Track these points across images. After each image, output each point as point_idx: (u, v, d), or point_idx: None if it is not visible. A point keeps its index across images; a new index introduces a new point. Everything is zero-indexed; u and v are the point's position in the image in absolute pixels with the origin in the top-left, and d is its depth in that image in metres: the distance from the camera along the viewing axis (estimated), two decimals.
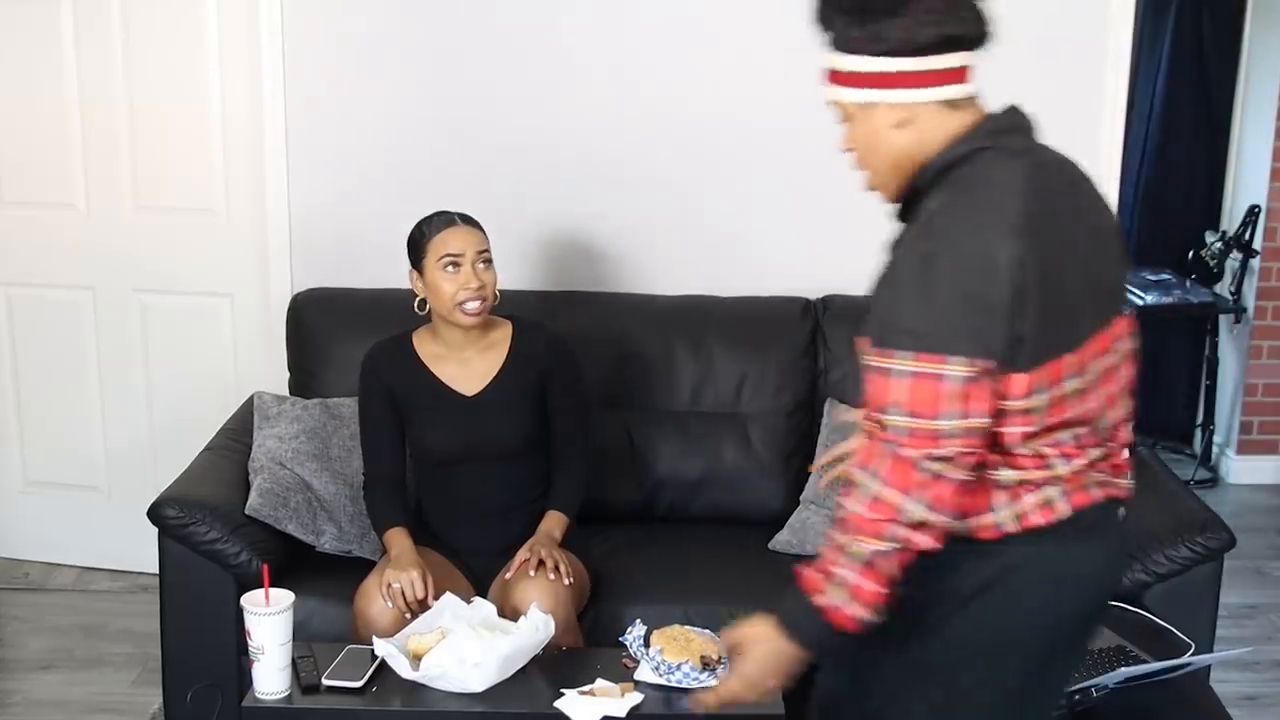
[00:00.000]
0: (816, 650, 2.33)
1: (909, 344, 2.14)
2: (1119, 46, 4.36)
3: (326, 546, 3.85)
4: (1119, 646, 3.25)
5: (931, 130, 2.28)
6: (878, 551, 2.19)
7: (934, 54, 2.24)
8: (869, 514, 2.19)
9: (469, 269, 3.51)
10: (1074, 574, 2.34)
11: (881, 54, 2.24)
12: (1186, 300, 6.27)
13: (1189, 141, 6.56)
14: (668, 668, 3.06)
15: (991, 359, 2.15)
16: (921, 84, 2.27)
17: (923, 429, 2.14)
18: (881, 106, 2.28)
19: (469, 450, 3.62)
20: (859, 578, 2.21)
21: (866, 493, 2.19)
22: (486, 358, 3.65)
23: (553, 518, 3.63)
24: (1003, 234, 2.14)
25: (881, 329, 2.18)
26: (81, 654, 4.52)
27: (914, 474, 2.16)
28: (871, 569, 2.20)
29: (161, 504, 3.67)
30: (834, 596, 2.22)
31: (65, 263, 4.87)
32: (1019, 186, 2.21)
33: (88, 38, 4.65)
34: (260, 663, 3.02)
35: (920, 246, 2.19)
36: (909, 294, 2.15)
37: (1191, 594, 3.61)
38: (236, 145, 4.61)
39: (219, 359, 4.80)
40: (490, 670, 3.03)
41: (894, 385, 2.15)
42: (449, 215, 3.60)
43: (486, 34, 4.43)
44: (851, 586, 2.21)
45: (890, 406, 2.15)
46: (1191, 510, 3.73)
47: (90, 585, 4.99)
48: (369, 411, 3.68)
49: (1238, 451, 6.30)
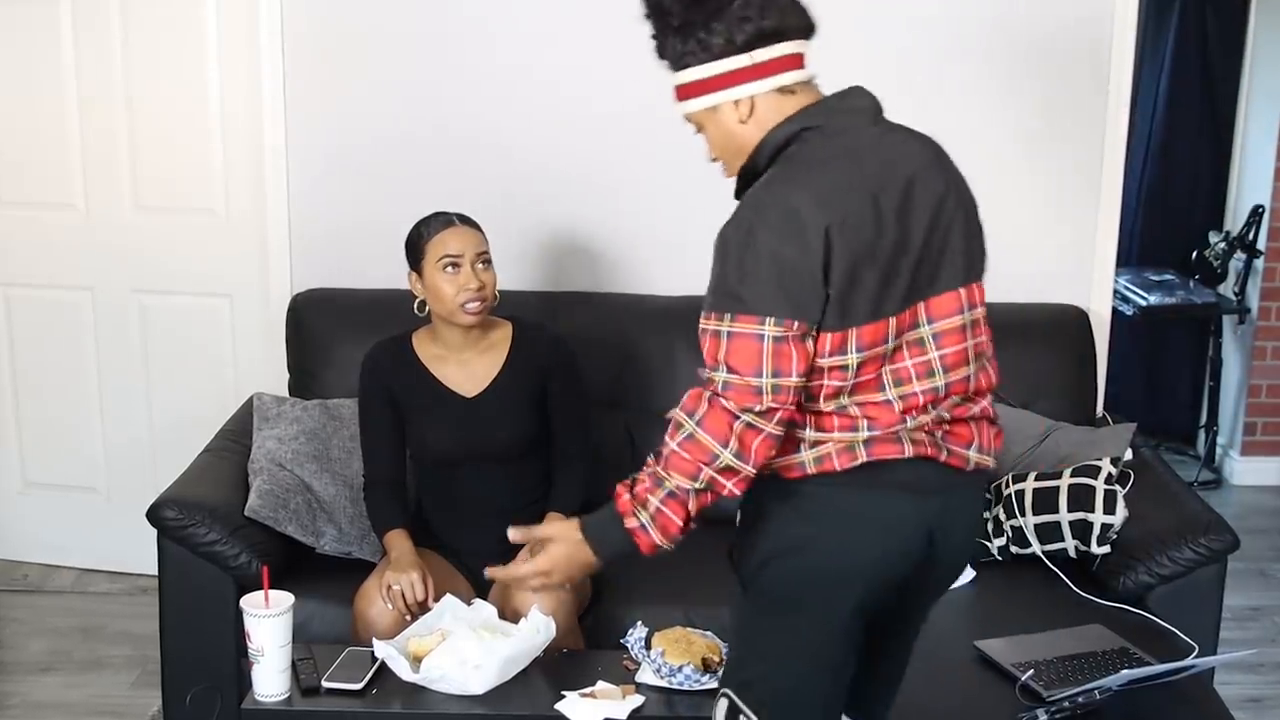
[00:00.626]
0: (609, 563, 2.57)
1: (731, 306, 2.35)
2: (1122, 44, 4.35)
3: (326, 548, 3.83)
4: (1122, 648, 3.26)
5: (771, 117, 2.47)
6: (686, 489, 2.40)
7: (759, 48, 2.44)
8: (685, 454, 2.39)
9: (468, 269, 3.50)
10: (873, 518, 2.48)
11: (711, 59, 2.46)
12: (1190, 300, 6.24)
13: (1193, 140, 6.54)
14: (669, 670, 3.05)
15: (805, 320, 2.34)
16: (753, 77, 2.46)
17: (742, 385, 2.34)
18: (724, 106, 2.49)
19: (469, 451, 3.61)
20: (666, 509, 2.43)
21: (685, 435, 2.39)
22: (487, 358, 3.64)
23: (554, 519, 3.59)
24: (811, 205, 2.34)
25: (712, 294, 2.39)
26: (80, 656, 4.51)
27: (731, 424, 2.36)
28: (677, 502, 2.42)
29: (161, 505, 3.66)
30: (641, 519, 2.45)
31: (64, 263, 4.86)
32: (832, 162, 2.42)
33: (87, 36, 4.64)
34: (260, 665, 3.02)
35: (742, 217, 2.40)
36: (732, 262, 2.36)
37: (1195, 596, 3.60)
38: (236, 145, 4.61)
39: (218, 360, 4.79)
40: (491, 672, 3.03)
41: (720, 344, 2.36)
42: (447, 216, 3.59)
43: (487, 34, 4.42)
44: (657, 514, 2.43)
45: (717, 364, 2.36)
46: (1195, 512, 3.72)
47: (89, 587, 4.98)
48: (369, 412, 3.67)
49: (1241, 453, 6.28)
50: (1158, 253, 6.61)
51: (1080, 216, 4.45)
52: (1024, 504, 3.78)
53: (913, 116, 4.32)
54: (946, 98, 4.37)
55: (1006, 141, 4.40)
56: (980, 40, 4.35)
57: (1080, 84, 4.37)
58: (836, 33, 4.32)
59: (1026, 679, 3.09)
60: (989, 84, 4.38)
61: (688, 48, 2.47)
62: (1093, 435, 4.03)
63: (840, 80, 4.20)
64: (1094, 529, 3.69)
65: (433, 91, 4.46)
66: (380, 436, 3.66)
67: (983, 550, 3.80)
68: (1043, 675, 3.11)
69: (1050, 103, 4.39)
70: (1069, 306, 4.38)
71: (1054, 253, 4.46)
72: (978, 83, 4.38)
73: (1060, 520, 3.72)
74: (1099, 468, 3.77)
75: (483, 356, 3.64)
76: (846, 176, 2.41)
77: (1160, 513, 3.73)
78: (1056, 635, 3.34)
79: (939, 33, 4.36)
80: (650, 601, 3.60)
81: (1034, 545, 3.76)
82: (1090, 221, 4.45)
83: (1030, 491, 3.78)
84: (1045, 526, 3.74)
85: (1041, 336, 4.28)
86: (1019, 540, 3.78)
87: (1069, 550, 3.74)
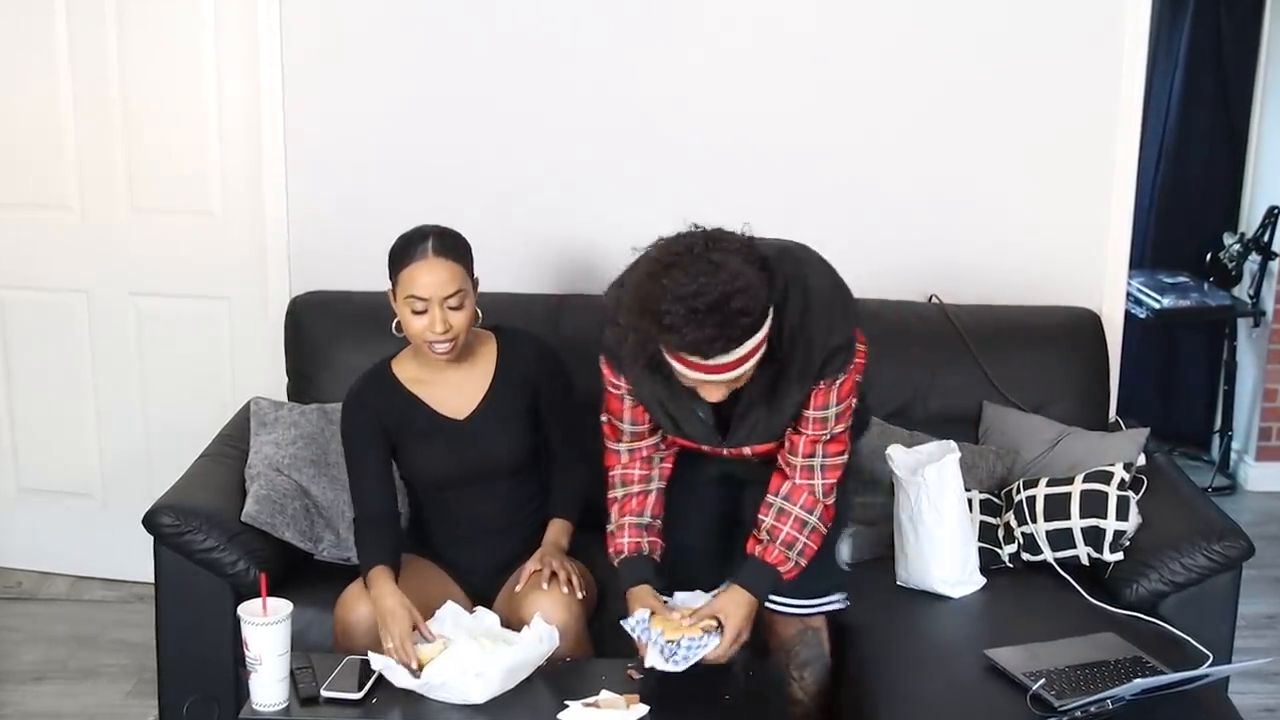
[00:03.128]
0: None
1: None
2: (1135, 44, 4.33)
3: (325, 554, 3.83)
4: (1135, 657, 3.23)
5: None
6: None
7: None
8: (833, 507, 3.18)
9: (436, 310, 3.37)
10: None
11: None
12: (1204, 303, 6.22)
13: (1207, 140, 6.51)
14: (670, 650, 3.08)
15: None
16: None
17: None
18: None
19: (466, 473, 3.55)
20: (811, 542, 3.16)
21: (835, 494, 3.17)
22: (473, 376, 3.57)
23: (557, 526, 3.56)
24: None
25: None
26: (75, 665, 4.51)
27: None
28: (816, 534, 3.17)
29: (157, 511, 3.64)
30: (791, 560, 3.16)
31: (58, 265, 4.84)
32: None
33: (82, 34, 4.63)
34: (257, 674, 3.01)
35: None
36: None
37: (1209, 603, 3.59)
38: (234, 145, 4.59)
39: (215, 364, 4.78)
40: (493, 681, 3.02)
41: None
42: (424, 244, 3.40)
43: (487, 35, 4.40)
44: (804, 549, 3.15)
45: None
46: (1209, 518, 3.69)
47: (84, 595, 4.97)
48: (357, 449, 3.56)
49: (1256, 458, 6.26)
50: (1171, 255, 6.57)
51: (1092, 218, 4.42)
52: (1035, 510, 3.76)
53: (925, 117, 4.36)
54: (959, 99, 4.36)
55: (1018, 142, 4.39)
56: (992, 41, 4.34)
57: (1093, 84, 4.35)
58: (846, 33, 4.37)
59: (1038, 688, 3.06)
60: (1001, 85, 4.37)
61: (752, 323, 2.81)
62: (1105, 440, 4.01)
63: (850, 82, 4.18)
64: (1106, 535, 3.68)
65: (433, 92, 4.44)
66: (370, 473, 3.54)
67: (993, 557, 3.79)
68: (1054, 685, 3.08)
69: (1062, 103, 4.37)
70: (1081, 309, 4.35)
71: (1066, 255, 4.44)
72: (990, 84, 4.36)
73: (1072, 527, 3.71)
74: (1111, 473, 3.75)
75: (469, 375, 3.57)
76: None
77: (1174, 519, 3.70)
78: (1068, 644, 3.31)
79: (951, 33, 4.34)
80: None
81: (1045, 552, 3.73)
82: (1103, 223, 4.43)
83: (1041, 497, 3.77)
84: (1057, 533, 3.72)
85: (1053, 340, 4.26)
86: (1030, 547, 3.76)
87: (1081, 557, 3.72)
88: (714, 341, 2.74)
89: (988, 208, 4.41)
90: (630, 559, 3.25)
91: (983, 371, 4.18)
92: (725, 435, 3.13)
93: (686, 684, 3.14)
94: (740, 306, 2.73)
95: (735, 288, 2.73)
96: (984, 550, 3.75)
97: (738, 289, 2.73)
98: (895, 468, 3.66)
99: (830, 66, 4.33)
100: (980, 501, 3.84)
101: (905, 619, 3.57)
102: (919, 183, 4.37)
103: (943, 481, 3.59)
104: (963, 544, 3.64)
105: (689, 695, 3.13)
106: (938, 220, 4.39)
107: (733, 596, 3.14)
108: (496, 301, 4.10)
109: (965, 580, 3.65)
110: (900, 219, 4.35)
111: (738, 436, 3.13)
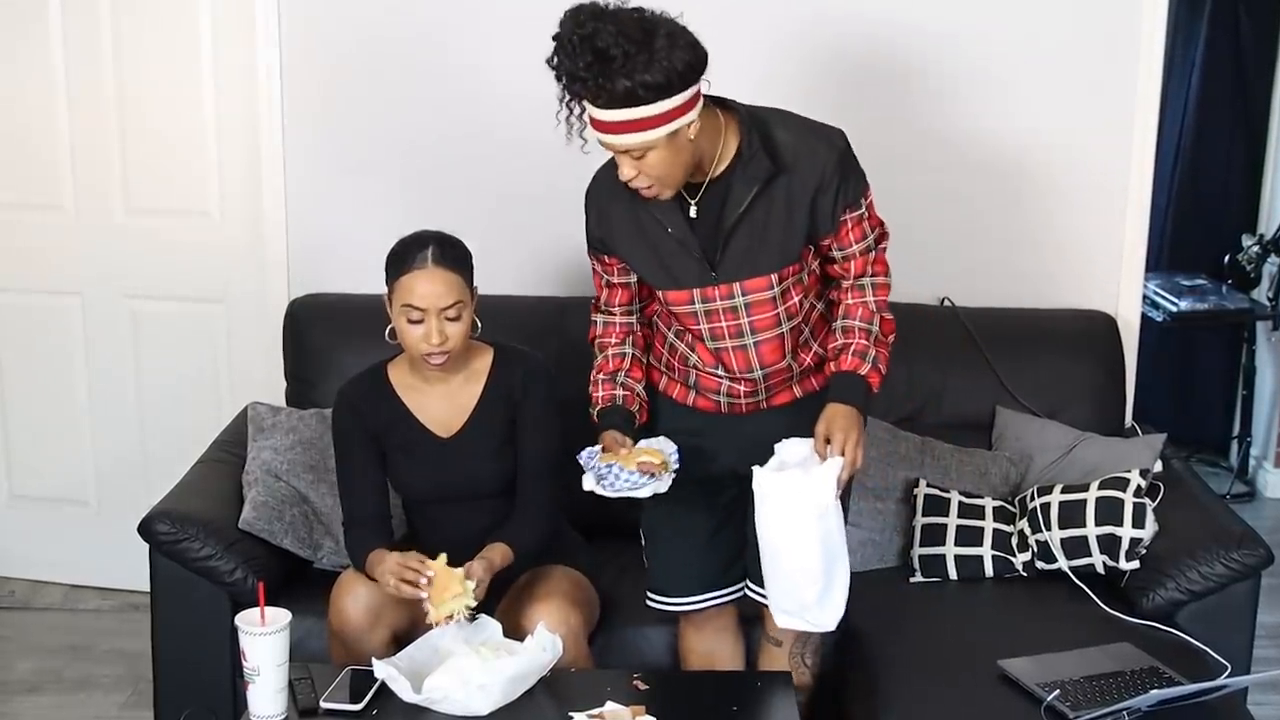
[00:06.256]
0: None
1: (867, 185, 3.23)
2: (1151, 43, 4.32)
3: (324, 562, 3.82)
4: (1151, 668, 3.22)
5: (709, 128, 3.08)
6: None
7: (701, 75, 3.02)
8: (891, 315, 3.27)
9: (432, 321, 3.33)
10: None
11: (675, 92, 2.96)
12: (1222, 306, 6.20)
13: (1225, 140, 6.50)
14: (603, 470, 3.13)
15: None
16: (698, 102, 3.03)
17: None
18: (683, 129, 2.99)
19: (448, 492, 3.51)
20: (885, 355, 3.26)
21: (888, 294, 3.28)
22: (465, 391, 3.51)
23: (497, 547, 3.40)
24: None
25: (859, 178, 3.19)
26: (70, 675, 4.50)
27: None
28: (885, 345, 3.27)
29: (153, 519, 3.63)
30: (874, 367, 3.21)
31: (52, 267, 4.83)
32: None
33: (76, 30, 4.61)
34: (256, 685, 2.98)
35: (832, 132, 3.21)
36: (853, 156, 3.19)
37: (1227, 613, 3.58)
38: (231, 144, 4.57)
39: (212, 368, 4.77)
40: (495, 692, 3.00)
41: (874, 210, 3.25)
42: (424, 252, 3.34)
43: (488, 35, 4.38)
44: (884, 360, 3.24)
45: (878, 224, 3.27)
46: (1227, 525, 3.68)
47: (79, 604, 4.96)
48: (347, 452, 3.54)
49: (1276, 464, 6.25)
50: (1189, 257, 6.56)
51: (1108, 219, 4.41)
52: (1050, 518, 3.74)
53: (937, 118, 4.32)
54: (971, 99, 4.35)
55: (1033, 142, 4.37)
56: (1008, 40, 4.33)
57: (1109, 84, 4.34)
58: (856, 27, 4.32)
59: (1052, 699, 3.05)
60: (1015, 85, 4.36)
61: (651, 80, 2.89)
62: (1121, 446, 4.01)
63: (858, 80, 4.15)
64: (1122, 543, 3.66)
65: (433, 92, 4.43)
66: (360, 475, 3.51)
67: (1007, 565, 3.78)
68: (1069, 696, 3.07)
69: (1078, 103, 4.37)
70: (1097, 312, 4.35)
71: (1081, 256, 4.43)
72: (1004, 84, 4.35)
73: (1087, 534, 3.69)
74: (1128, 480, 3.74)
75: (460, 388, 3.51)
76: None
77: (1191, 527, 3.69)
78: (1083, 654, 3.30)
79: (966, 33, 4.33)
80: (660, 620, 3.57)
81: (1060, 560, 3.71)
82: (1119, 224, 4.41)
83: (1056, 505, 3.75)
84: (1072, 541, 3.70)
85: (1068, 343, 4.26)
86: (1045, 555, 3.74)
87: (1096, 565, 3.70)
88: (585, 81, 2.91)
89: (1001, 208, 4.40)
90: (605, 409, 3.33)
91: (996, 376, 4.17)
92: (714, 269, 3.18)
93: (695, 695, 3.17)
94: (619, 56, 2.86)
95: (623, 39, 2.86)
96: (997, 559, 3.77)
97: (625, 41, 2.86)
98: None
99: (839, 64, 4.30)
100: (993, 509, 3.84)
101: (916, 628, 3.55)
102: (931, 183, 4.35)
103: (767, 494, 3.16)
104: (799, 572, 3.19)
105: (698, 706, 3.13)
106: (950, 221, 4.38)
107: (829, 411, 3.14)
108: (499, 305, 4.08)
109: (791, 611, 3.21)
110: (912, 219, 4.30)
111: (727, 266, 3.16)
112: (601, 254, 3.35)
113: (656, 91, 2.89)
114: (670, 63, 2.88)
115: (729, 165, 3.11)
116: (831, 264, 3.24)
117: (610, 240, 3.29)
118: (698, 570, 3.43)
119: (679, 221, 3.14)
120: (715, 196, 3.12)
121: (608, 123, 2.96)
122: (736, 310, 3.18)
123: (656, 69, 2.87)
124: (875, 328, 3.21)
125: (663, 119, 2.93)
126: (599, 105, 2.95)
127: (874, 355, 3.20)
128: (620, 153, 3.02)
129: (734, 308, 3.18)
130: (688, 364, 3.31)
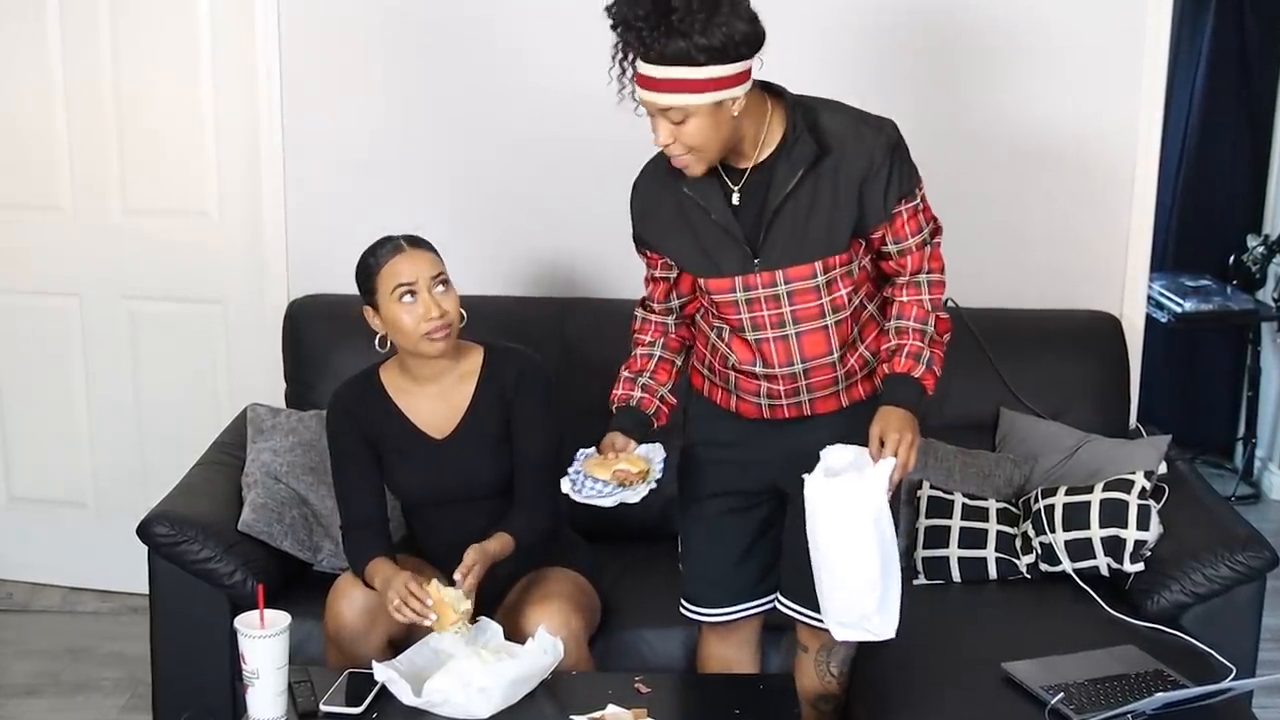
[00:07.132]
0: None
1: (918, 179, 3.20)
2: (1156, 42, 4.32)
3: (324, 564, 3.81)
4: (1156, 671, 3.20)
5: (753, 107, 3.01)
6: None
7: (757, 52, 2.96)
8: (945, 313, 3.22)
9: (425, 295, 3.35)
10: None
11: (730, 60, 2.89)
12: (1227, 307, 6.19)
13: (1229, 140, 6.49)
14: (575, 477, 3.15)
15: None
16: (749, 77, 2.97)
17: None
18: (727, 102, 2.93)
19: (443, 495, 3.50)
20: (939, 352, 3.19)
21: (942, 292, 3.22)
22: (457, 392, 3.50)
23: (495, 537, 3.40)
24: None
25: (912, 171, 3.16)
26: (69, 678, 4.49)
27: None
28: (940, 345, 3.21)
29: (151, 521, 3.63)
30: (928, 369, 3.14)
31: (50, 268, 4.82)
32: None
33: (74, 29, 4.61)
34: (255, 688, 2.98)
35: (883, 121, 3.14)
36: (905, 147, 3.15)
37: (1232, 615, 3.58)
38: (230, 144, 4.57)
39: (211, 369, 4.76)
40: (496, 695, 2.99)
41: (928, 204, 3.25)
42: (394, 241, 3.43)
43: (487, 36, 4.38)
44: (939, 361, 3.18)
45: (931, 218, 3.27)
46: (1232, 527, 3.68)
47: (77, 606, 4.96)
48: (342, 454, 3.53)
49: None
50: (1193, 257, 6.55)
51: (1112, 219, 4.41)
52: (1054, 520, 3.74)
53: (942, 116, 4.31)
54: (975, 98, 4.35)
55: (1037, 142, 4.37)
56: (1012, 39, 4.33)
57: (1113, 82, 4.34)
58: (861, 32, 4.31)
59: (1056, 703, 3.04)
60: (1019, 84, 4.36)
61: (707, 42, 2.83)
62: (1125, 448, 3.99)
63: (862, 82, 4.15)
64: (1127, 546, 3.66)
65: (433, 92, 4.42)
66: (356, 479, 3.51)
67: (1010, 568, 3.77)
68: (1073, 699, 3.07)
69: (1082, 102, 4.36)
70: (1101, 313, 4.34)
71: (1085, 257, 4.42)
72: (1007, 83, 4.36)
73: (1091, 536, 3.68)
74: (1132, 482, 3.73)
75: (454, 390, 3.50)
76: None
77: (1196, 529, 3.69)
78: (1087, 657, 3.30)
79: (971, 33, 4.33)
80: (662, 622, 3.59)
81: (1064, 563, 3.71)
82: (1123, 224, 4.41)
83: (1060, 506, 3.74)
84: (1076, 543, 3.70)
85: (1072, 344, 4.25)
86: (1048, 557, 3.74)
87: (1101, 568, 3.70)
88: (639, 31, 2.86)
89: (1005, 209, 4.40)
90: (619, 409, 3.31)
91: (1000, 377, 4.16)
92: (757, 255, 3.12)
93: (696, 697, 3.18)
94: (680, 9, 2.80)
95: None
96: (1001, 561, 3.76)
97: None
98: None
99: (842, 67, 4.29)
100: (997, 511, 3.83)
101: (920, 631, 3.49)
102: (935, 183, 4.32)
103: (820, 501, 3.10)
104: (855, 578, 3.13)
105: (699, 709, 3.15)
106: (954, 221, 4.33)
107: (882, 412, 3.09)
108: (499, 306, 4.07)
109: (850, 623, 3.14)
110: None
111: (770, 253, 3.09)
112: (643, 248, 3.31)
113: (710, 55, 2.82)
114: (730, 29, 2.81)
115: (774, 151, 3.05)
116: (886, 260, 3.18)
117: (651, 234, 3.24)
118: (732, 582, 3.39)
119: (722, 208, 3.08)
120: (759, 183, 3.06)
121: (654, 79, 2.89)
122: (779, 299, 3.11)
123: (715, 32, 2.80)
124: (930, 328, 3.16)
125: (710, 85, 2.86)
126: (650, 60, 2.88)
127: (929, 356, 3.14)
128: (661, 112, 2.94)
129: (776, 296, 3.12)
130: (727, 364, 3.25)
